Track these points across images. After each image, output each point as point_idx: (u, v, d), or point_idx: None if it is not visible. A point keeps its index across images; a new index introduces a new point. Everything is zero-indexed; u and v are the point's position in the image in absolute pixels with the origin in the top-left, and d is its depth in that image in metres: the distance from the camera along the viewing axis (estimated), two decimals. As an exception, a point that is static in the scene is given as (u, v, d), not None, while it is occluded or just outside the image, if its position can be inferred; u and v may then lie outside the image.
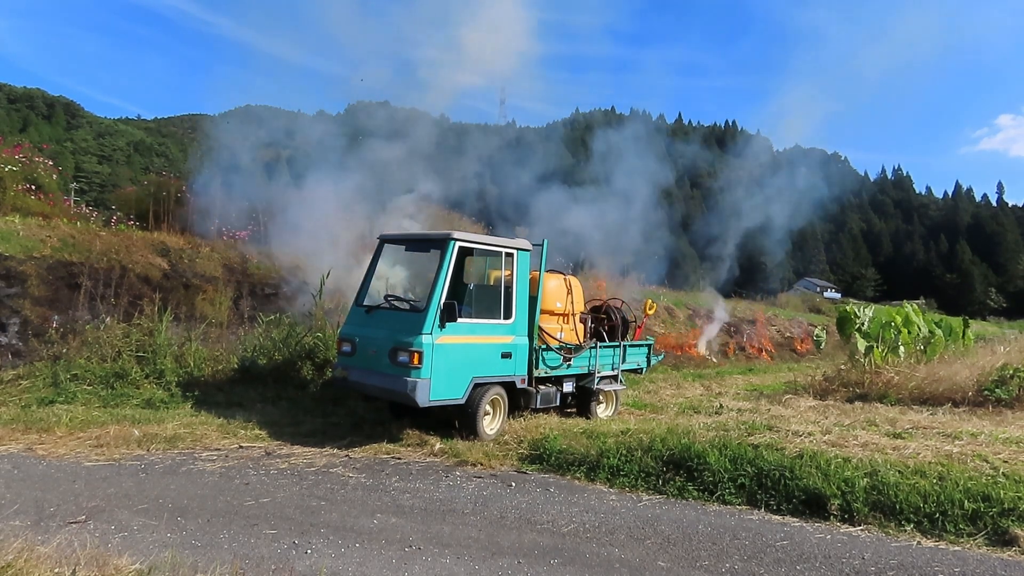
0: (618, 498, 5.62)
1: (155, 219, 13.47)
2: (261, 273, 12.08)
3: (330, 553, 4.15)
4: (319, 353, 9.64)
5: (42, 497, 4.83)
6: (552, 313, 8.35)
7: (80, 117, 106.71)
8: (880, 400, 9.93)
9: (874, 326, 12.36)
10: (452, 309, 6.74)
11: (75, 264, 10.02)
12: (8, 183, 12.51)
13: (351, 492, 5.44)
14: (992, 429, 7.45)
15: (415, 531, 4.62)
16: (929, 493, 5.15)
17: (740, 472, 5.73)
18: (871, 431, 7.10)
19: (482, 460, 6.41)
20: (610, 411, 9.02)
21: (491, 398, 7.30)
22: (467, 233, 7.46)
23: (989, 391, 9.62)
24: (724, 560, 4.38)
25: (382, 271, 8.67)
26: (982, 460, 5.86)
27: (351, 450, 6.69)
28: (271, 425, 7.42)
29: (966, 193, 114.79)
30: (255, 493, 5.25)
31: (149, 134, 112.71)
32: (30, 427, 6.64)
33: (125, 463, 5.85)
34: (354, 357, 7.31)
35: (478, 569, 4.05)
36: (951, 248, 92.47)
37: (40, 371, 8.33)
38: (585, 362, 8.56)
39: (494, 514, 5.08)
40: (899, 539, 4.84)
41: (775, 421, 7.50)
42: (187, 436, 6.73)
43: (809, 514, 5.26)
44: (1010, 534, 4.73)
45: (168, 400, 8.23)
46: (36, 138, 59.92)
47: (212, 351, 9.64)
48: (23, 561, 3.06)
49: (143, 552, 3.76)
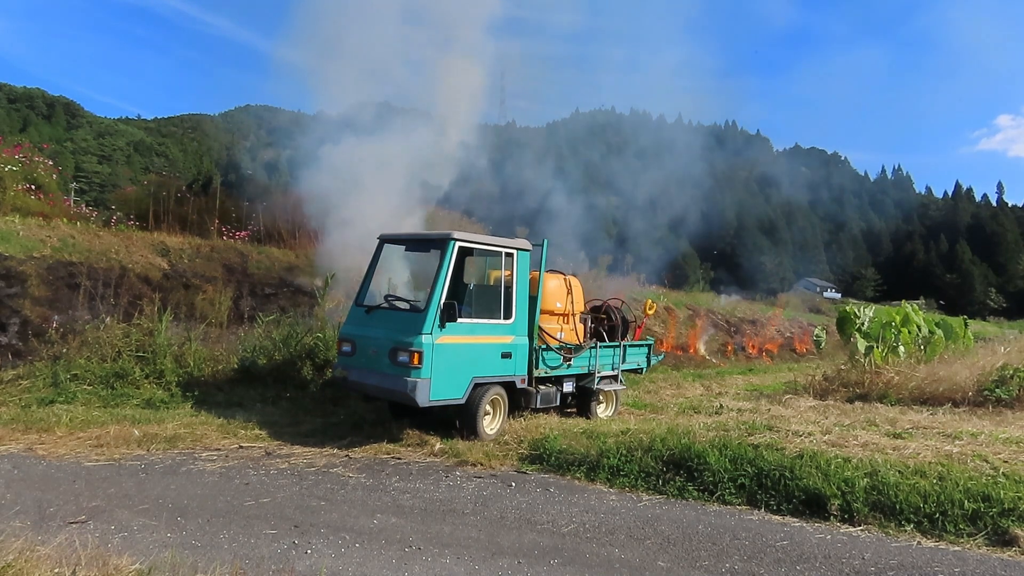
0: (618, 498, 5.62)
1: (155, 219, 13.49)
2: (261, 273, 12.09)
3: (330, 553, 4.15)
4: (319, 353, 9.64)
5: (42, 497, 4.84)
6: (552, 313, 8.35)
7: (80, 117, 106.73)
8: (880, 400, 9.93)
9: (874, 326, 12.36)
10: (452, 309, 6.74)
11: (75, 264, 10.02)
12: (8, 183, 12.51)
13: (351, 492, 5.44)
14: (992, 429, 7.45)
15: (415, 531, 4.62)
16: (929, 493, 5.15)
17: (740, 472, 5.73)
18: (871, 431, 7.10)
19: (482, 460, 6.41)
20: (610, 411, 9.02)
21: (491, 398, 7.30)
22: (467, 233, 7.46)
23: (989, 391, 9.61)
24: (724, 560, 4.38)
25: (382, 271, 8.67)
26: (982, 460, 5.86)
27: (351, 450, 6.69)
28: (271, 425, 7.42)
29: (966, 193, 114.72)
30: (255, 493, 5.25)
31: (149, 134, 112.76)
32: (30, 427, 6.65)
33: (125, 463, 5.85)
34: (354, 357, 7.31)
35: (478, 569, 4.06)
36: (951, 248, 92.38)
37: (40, 371, 8.33)
38: (585, 362, 8.56)
39: (494, 514, 5.08)
40: (899, 539, 4.84)
41: (775, 421, 7.50)
42: (187, 436, 6.72)
43: (809, 514, 5.26)
44: (1010, 534, 4.73)
45: (168, 400, 8.23)
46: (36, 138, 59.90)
47: (212, 351, 9.64)
48: (23, 561, 3.06)
49: (143, 552, 3.76)
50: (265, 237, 14.37)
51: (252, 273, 12.00)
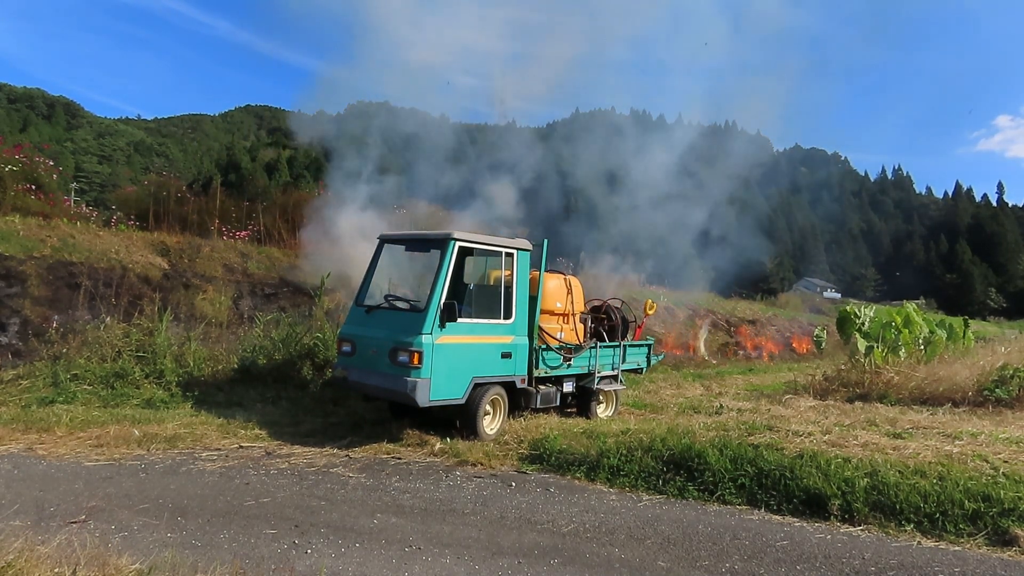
0: (618, 498, 5.62)
1: (155, 219, 13.48)
2: (261, 273, 12.09)
3: (330, 553, 4.15)
4: (319, 353, 9.64)
5: (42, 497, 4.83)
6: (552, 313, 8.35)
7: (80, 117, 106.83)
8: (880, 400, 9.92)
9: (874, 326, 12.36)
10: (452, 309, 6.74)
11: (75, 264, 10.02)
12: (8, 183, 12.50)
13: (351, 492, 5.43)
14: (992, 429, 7.44)
15: (415, 531, 4.62)
16: (929, 493, 5.15)
17: (740, 472, 5.73)
18: (871, 431, 7.09)
19: (482, 460, 6.41)
20: (610, 411, 9.02)
21: (491, 398, 7.30)
22: (467, 233, 7.46)
23: (989, 391, 9.61)
24: (724, 560, 4.38)
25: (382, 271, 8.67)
26: (982, 460, 5.86)
27: (351, 450, 6.69)
28: (271, 425, 7.42)
29: (966, 193, 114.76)
30: (255, 493, 5.25)
31: (149, 134, 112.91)
32: (30, 427, 6.64)
33: (125, 463, 5.85)
34: (354, 357, 7.31)
35: (478, 569, 4.05)
36: (951, 248, 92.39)
37: (40, 371, 8.33)
38: (585, 362, 8.56)
39: (494, 514, 5.08)
40: (899, 539, 4.84)
41: (775, 421, 7.49)
42: (187, 436, 6.72)
43: (809, 514, 5.26)
44: (1010, 534, 4.73)
45: (168, 400, 8.23)
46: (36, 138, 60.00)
47: (212, 351, 9.64)
48: (23, 561, 3.05)
49: (143, 552, 3.75)
50: (265, 237, 14.37)
51: (252, 273, 12.00)
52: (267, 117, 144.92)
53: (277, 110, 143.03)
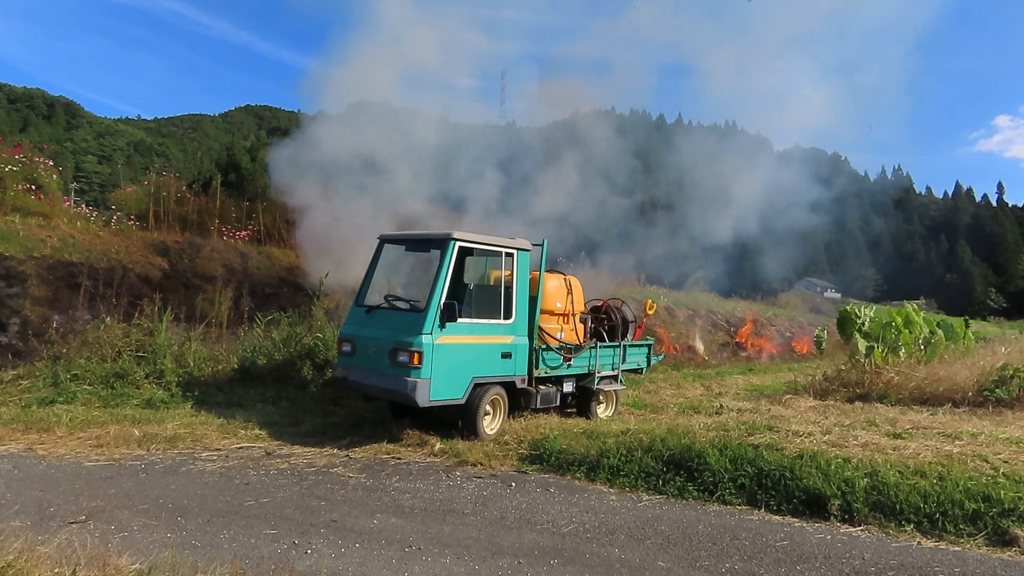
0: (618, 498, 5.62)
1: (155, 219, 13.48)
2: (261, 273, 12.09)
3: (330, 553, 4.15)
4: (319, 353, 9.64)
5: (42, 497, 4.83)
6: (552, 313, 8.35)
7: (80, 117, 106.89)
8: (880, 400, 9.92)
9: (874, 326, 12.37)
10: (452, 309, 6.74)
11: (75, 264, 10.03)
12: (8, 183, 12.49)
13: (351, 492, 5.44)
14: (992, 429, 7.44)
15: (415, 531, 4.62)
16: (929, 493, 5.15)
17: (740, 472, 5.73)
18: (871, 431, 7.10)
19: (482, 460, 6.41)
20: (610, 411, 9.02)
21: (491, 398, 7.30)
22: (467, 233, 7.46)
23: (989, 391, 9.61)
24: (724, 560, 4.38)
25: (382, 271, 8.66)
26: (982, 460, 5.86)
27: (351, 450, 6.69)
28: (271, 425, 7.42)
29: (966, 193, 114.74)
30: (255, 493, 5.25)
31: (149, 134, 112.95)
32: (30, 427, 6.65)
33: (125, 463, 5.86)
34: (354, 357, 7.31)
35: (478, 569, 4.05)
36: (951, 248, 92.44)
37: (40, 371, 8.34)
38: (585, 362, 8.56)
39: (494, 514, 5.08)
40: (899, 539, 4.84)
41: (775, 421, 7.50)
42: (187, 436, 6.73)
43: (809, 514, 5.26)
44: (1010, 534, 4.73)
45: (168, 400, 8.23)
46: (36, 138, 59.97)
47: (212, 351, 9.64)
48: (24, 561, 3.05)
49: (143, 552, 3.76)
50: (265, 237, 14.37)
51: (252, 273, 12.01)
52: (267, 117, 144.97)
53: (277, 110, 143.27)
